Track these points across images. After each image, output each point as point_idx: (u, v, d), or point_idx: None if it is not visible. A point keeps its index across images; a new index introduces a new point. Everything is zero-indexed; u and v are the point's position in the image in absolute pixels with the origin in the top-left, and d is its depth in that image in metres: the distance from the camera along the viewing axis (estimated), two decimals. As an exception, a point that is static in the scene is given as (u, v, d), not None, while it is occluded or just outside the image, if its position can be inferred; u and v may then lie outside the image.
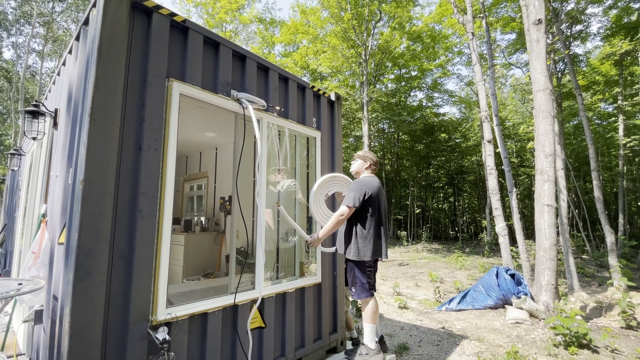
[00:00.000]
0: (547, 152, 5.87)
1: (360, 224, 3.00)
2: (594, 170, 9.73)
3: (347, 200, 2.94)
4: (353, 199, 2.93)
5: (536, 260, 5.89)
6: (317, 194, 3.17)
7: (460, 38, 18.54)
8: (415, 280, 9.09)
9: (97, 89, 1.81)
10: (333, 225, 2.94)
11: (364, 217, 2.99)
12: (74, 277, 1.67)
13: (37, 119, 2.71)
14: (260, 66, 2.93)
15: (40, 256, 2.37)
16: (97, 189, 1.78)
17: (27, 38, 18.35)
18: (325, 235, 2.99)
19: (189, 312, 2.16)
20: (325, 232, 2.97)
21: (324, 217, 3.23)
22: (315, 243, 3.03)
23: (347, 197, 2.97)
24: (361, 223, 3.00)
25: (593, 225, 17.16)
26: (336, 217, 2.94)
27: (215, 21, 21.19)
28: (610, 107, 16.90)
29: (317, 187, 3.18)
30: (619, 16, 12.82)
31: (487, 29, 9.90)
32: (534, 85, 6.15)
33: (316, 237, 3.00)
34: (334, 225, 2.94)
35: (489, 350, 4.18)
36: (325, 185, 3.25)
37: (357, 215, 3.00)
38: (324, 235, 2.98)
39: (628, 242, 12.02)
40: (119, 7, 1.94)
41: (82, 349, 1.67)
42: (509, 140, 21.62)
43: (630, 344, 4.53)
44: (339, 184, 3.35)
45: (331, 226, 2.94)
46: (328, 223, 2.97)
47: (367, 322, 3.02)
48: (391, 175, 23.85)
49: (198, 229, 6.16)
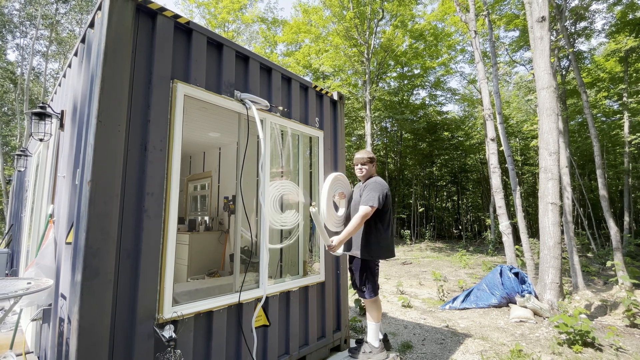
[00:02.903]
0: (551, 150, 5.84)
1: (380, 223, 3.00)
2: (599, 167, 9.67)
3: (371, 200, 2.88)
4: (377, 199, 2.89)
5: (540, 258, 5.87)
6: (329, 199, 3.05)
7: (463, 36, 18.45)
8: (418, 279, 9.08)
9: (103, 91, 1.84)
10: (355, 226, 2.85)
11: (381, 217, 3.01)
12: (82, 276, 1.70)
13: (44, 120, 2.75)
14: (263, 66, 2.94)
15: (37, 257, 2.39)
16: (104, 190, 1.81)
17: (31, 40, 18.49)
18: (347, 237, 2.89)
19: (195, 310, 2.18)
20: (347, 234, 2.87)
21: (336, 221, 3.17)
22: (335, 248, 2.88)
23: (369, 197, 2.92)
24: (380, 223, 3.01)
25: (598, 224, 17.02)
26: (360, 218, 2.85)
27: (217, 21, 21.23)
28: (615, 104, 16.76)
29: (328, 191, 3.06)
30: (623, 12, 12.69)
31: (490, 26, 9.85)
32: (538, 82, 6.12)
33: (337, 242, 2.86)
34: (356, 227, 2.86)
35: (492, 349, 4.18)
36: (333, 187, 3.18)
37: (376, 215, 2.98)
38: (345, 238, 2.88)
39: (634, 240, 11.93)
40: (124, 9, 1.96)
41: (90, 347, 1.70)
42: (513, 138, 21.49)
43: (635, 342, 4.51)
44: (341, 184, 3.33)
45: (353, 227, 2.85)
46: (350, 225, 2.87)
47: (372, 320, 3.04)
48: (394, 174, 23.80)
49: (202, 228, 6.20)
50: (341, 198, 3.34)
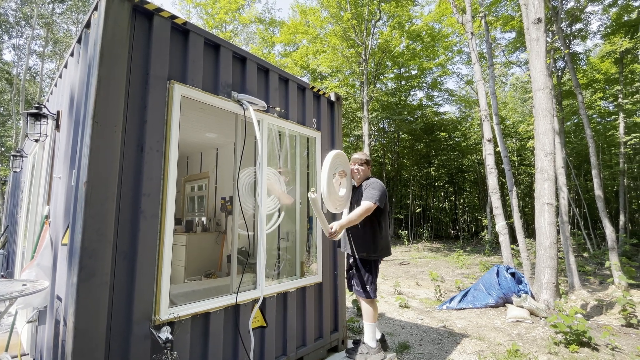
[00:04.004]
0: (547, 150, 5.88)
1: (382, 223, 3.04)
2: (594, 168, 9.74)
3: (373, 198, 2.89)
4: (380, 197, 2.91)
5: (536, 258, 5.90)
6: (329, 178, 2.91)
7: (460, 37, 18.53)
8: (416, 279, 9.10)
9: (99, 91, 1.83)
10: (357, 217, 2.85)
11: (383, 217, 3.04)
12: (78, 277, 1.69)
13: (40, 121, 2.74)
14: (260, 67, 2.94)
15: (37, 258, 2.37)
16: (100, 191, 1.80)
17: (27, 40, 18.38)
18: (348, 224, 2.87)
19: (192, 311, 2.18)
20: (349, 221, 2.85)
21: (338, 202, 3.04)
22: (337, 233, 2.83)
23: (372, 194, 2.93)
24: (382, 222, 3.04)
25: (594, 224, 17.15)
26: (363, 210, 2.85)
27: (215, 21, 21.20)
28: (610, 105, 16.88)
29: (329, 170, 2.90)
30: (619, 14, 12.81)
31: (486, 28, 9.90)
32: (534, 84, 6.16)
33: (338, 226, 2.80)
34: (358, 218, 2.86)
35: (489, 349, 4.19)
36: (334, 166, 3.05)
37: (377, 215, 3.00)
38: (347, 224, 2.86)
39: (629, 240, 12.02)
40: (120, 10, 1.95)
41: (86, 348, 1.69)
42: (509, 138, 21.60)
43: (631, 341, 4.54)
44: (341, 163, 3.20)
45: (355, 217, 2.85)
46: (354, 214, 2.86)
47: (368, 321, 3.04)
48: (392, 175, 23.84)
49: (199, 229, 6.18)
50: (342, 177, 3.24)
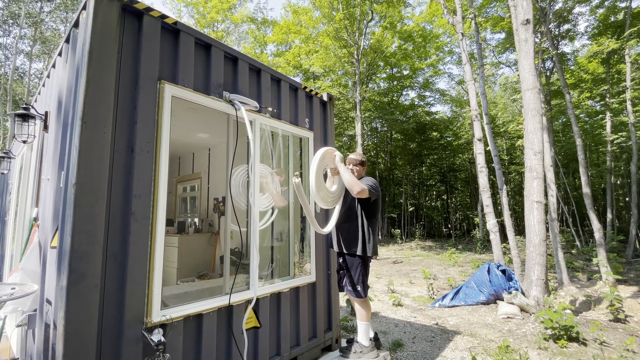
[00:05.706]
0: (535, 149, 5.97)
1: (375, 220, 3.06)
2: (582, 166, 9.92)
3: (367, 186, 2.89)
4: (374, 189, 2.94)
5: (526, 256, 5.99)
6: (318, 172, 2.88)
7: (451, 37, 18.70)
8: (409, 277, 9.17)
9: (88, 92, 1.81)
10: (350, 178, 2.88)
11: (375, 214, 3.06)
12: (68, 281, 1.67)
13: (27, 122, 2.69)
14: (252, 67, 2.94)
15: (22, 262, 2.33)
16: (89, 193, 1.78)
17: (15, 39, 18.01)
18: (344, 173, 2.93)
19: (184, 313, 2.17)
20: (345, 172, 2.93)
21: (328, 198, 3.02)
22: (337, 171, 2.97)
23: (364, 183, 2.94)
24: (374, 219, 3.06)
25: (582, 221, 17.44)
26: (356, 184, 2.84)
27: (206, 21, 21.04)
28: (597, 105, 17.20)
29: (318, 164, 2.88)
30: (606, 15, 13.06)
31: (476, 29, 10.01)
32: (523, 84, 6.25)
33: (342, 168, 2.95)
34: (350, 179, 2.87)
35: (481, 345, 4.25)
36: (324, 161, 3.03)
37: (370, 212, 3.02)
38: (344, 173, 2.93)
39: (616, 237, 12.27)
40: (109, 9, 1.94)
41: (77, 352, 1.67)
42: (499, 138, 21.88)
43: (618, 336, 4.64)
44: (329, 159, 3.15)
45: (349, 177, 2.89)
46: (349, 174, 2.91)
47: (362, 320, 3.06)
48: (385, 174, 23.97)
49: (192, 230, 6.14)
50: (335, 174, 3.20)
